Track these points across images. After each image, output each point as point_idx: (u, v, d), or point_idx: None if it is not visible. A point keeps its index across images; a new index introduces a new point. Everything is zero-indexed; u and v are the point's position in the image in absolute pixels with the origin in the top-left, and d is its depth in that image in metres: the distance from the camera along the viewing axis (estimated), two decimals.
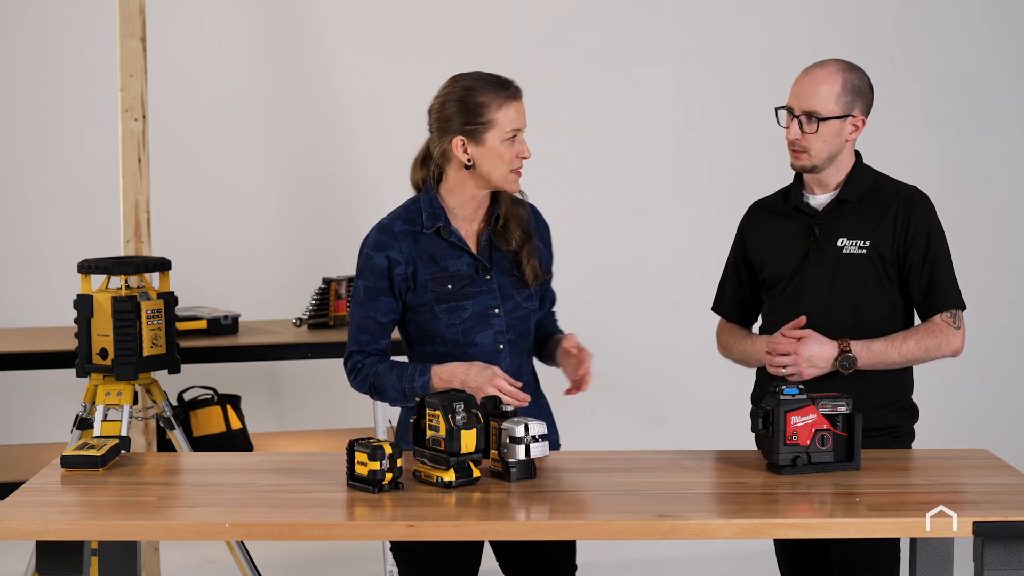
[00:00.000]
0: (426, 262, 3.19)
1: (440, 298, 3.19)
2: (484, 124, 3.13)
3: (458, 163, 3.18)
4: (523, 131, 3.18)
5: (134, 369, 3.83)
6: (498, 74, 3.19)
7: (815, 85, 3.28)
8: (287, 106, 6.20)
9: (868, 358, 3.24)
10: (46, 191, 6.06)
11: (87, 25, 5.93)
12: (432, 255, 3.19)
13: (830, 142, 3.28)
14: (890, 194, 3.34)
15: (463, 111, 3.14)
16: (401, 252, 3.19)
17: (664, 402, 6.30)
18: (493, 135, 3.14)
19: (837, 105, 3.26)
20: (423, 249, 3.20)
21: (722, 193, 5.98)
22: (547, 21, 6.27)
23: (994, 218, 6.44)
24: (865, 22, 6.34)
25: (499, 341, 3.22)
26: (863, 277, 3.30)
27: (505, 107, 3.14)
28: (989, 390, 6.44)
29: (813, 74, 3.30)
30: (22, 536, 2.67)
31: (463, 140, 3.15)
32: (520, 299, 3.26)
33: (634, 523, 2.67)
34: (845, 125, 3.28)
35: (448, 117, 3.16)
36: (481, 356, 3.19)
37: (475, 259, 3.22)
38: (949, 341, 3.29)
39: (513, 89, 3.17)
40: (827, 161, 3.31)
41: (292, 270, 6.07)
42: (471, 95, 3.14)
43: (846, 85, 3.27)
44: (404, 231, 3.20)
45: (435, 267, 3.19)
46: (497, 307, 3.22)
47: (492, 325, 3.21)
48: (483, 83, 3.16)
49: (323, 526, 2.68)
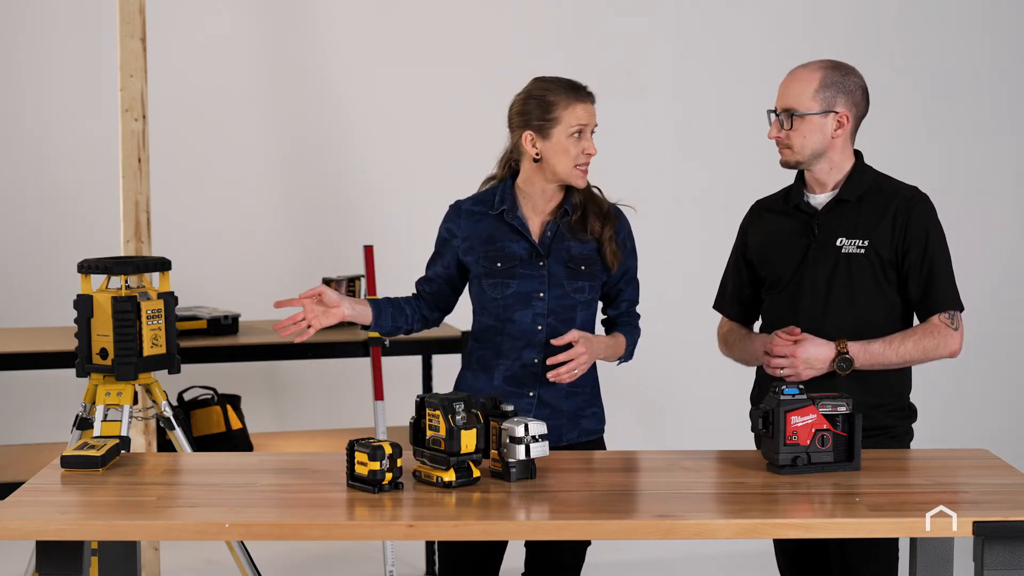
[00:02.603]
0: (484, 240, 3.45)
1: (489, 273, 3.43)
2: (551, 120, 3.36)
3: (529, 157, 3.40)
4: (591, 130, 3.38)
5: (134, 369, 3.83)
6: (574, 80, 3.41)
7: (792, 83, 3.33)
8: (287, 106, 6.20)
9: (866, 359, 3.24)
10: (46, 191, 6.07)
11: (87, 25, 5.93)
12: (492, 235, 3.45)
13: (811, 138, 3.29)
14: (890, 194, 3.34)
15: (534, 108, 3.38)
16: (460, 228, 3.48)
17: (664, 402, 6.31)
18: (559, 131, 3.35)
19: (814, 101, 3.28)
20: (483, 228, 3.46)
21: (721, 193, 5.99)
22: (547, 22, 6.27)
23: (993, 218, 6.44)
24: (865, 22, 6.35)
25: (538, 323, 3.40)
26: (861, 277, 3.30)
27: (573, 106, 3.35)
28: (989, 390, 6.44)
29: (793, 73, 3.35)
30: (22, 536, 2.67)
31: (532, 135, 3.38)
32: (570, 289, 3.41)
33: (634, 523, 2.67)
34: (827, 121, 3.29)
35: (521, 113, 3.40)
36: (517, 333, 3.40)
37: (532, 245, 3.42)
38: (947, 342, 3.29)
39: (584, 92, 3.39)
40: (812, 157, 3.32)
41: (292, 270, 6.07)
42: (543, 94, 3.38)
43: (824, 81, 3.29)
44: (470, 210, 3.48)
45: (491, 246, 3.44)
46: (542, 291, 3.40)
47: (533, 307, 3.40)
48: (556, 84, 3.39)
49: (323, 526, 2.68)
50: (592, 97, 3.39)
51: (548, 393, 3.40)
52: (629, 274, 3.50)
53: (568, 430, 3.42)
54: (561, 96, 3.35)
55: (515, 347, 3.40)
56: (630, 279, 3.51)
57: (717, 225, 5.74)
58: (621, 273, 3.47)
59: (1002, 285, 6.39)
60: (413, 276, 3.60)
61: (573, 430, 3.43)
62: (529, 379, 3.40)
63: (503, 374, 3.41)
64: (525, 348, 3.40)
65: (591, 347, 3.33)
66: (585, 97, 3.37)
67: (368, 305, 3.46)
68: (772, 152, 3.41)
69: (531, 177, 3.42)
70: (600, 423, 3.51)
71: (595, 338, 3.38)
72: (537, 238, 3.43)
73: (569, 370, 3.30)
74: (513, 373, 3.40)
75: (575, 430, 3.43)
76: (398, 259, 5.41)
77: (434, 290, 3.53)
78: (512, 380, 3.40)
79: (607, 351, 3.44)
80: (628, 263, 3.49)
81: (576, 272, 3.41)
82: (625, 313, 3.53)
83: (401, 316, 3.51)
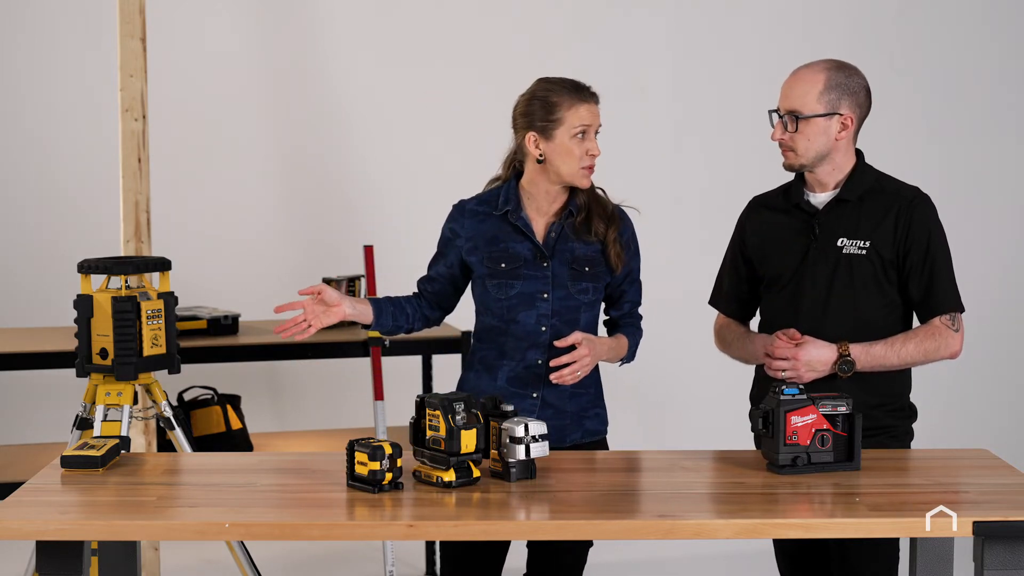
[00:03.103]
0: (488, 240, 3.43)
1: (493, 274, 3.41)
2: (554, 121, 3.34)
3: (532, 158, 3.39)
4: (595, 130, 3.36)
5: (134, 369, 3.83)
6: (578, 80, 3.38)
7: (797, 84, 3.29)
8: (287, 106, 6.20)
9: (867, 361, 3.24)
10: (46, 191, 6.07)
11: (87, 25, 5.93)
12: (496, 235, 3.43)
13: (815, 141, 3.27)
14: (891, 195, 3.33)
15: (538, 109, 3.36)
16: (464, 228, 3.46)
17: (664, 402, 6.31)
18: (562, 132, 3.34)
19: (819, 103, 3.25)
20: (487, 228, 3.44)
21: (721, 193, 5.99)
22: (547, 22, 6.27)
23: (994, 218, 6.44)
24: (865, 22, 6.35)
25: (542, 324, 3.39)
26: (862, 277, 3.29)
27: (576, 107, 3.33)
28: (989, 390, 6.44)
29: (797, 74, 3.32)
30: (22, 536, 2.67)
31: (535, 136, 3.36)
32: (573, 290, 3.40)
33: (634, 523, 2.67)
34: (831, 123, 3.27)
35: (525, 114, 3.39)
36: (521, 334, 3.39)
37: (536, 246, 3.40)
38: (948, 344, 3.28)
39: (587, 92, 3.36)
40: (816, 160, 3.30)
41: (292, 270, 6.07)
42: (547, 95, 3.36)
43: (829, 83, 3.26)
44: (474, 210, 3.47)
45: (495, 247, 3.42)
46: (546, 292, 3.39)
47: (537, 308, 3.39)
48: (559, 85, 3.37)
49: (323, 526, 2.68)
50: (596, 97, 3.37)
51: (552, 394, 3.40)
52: (632, 275, 3.49)
53: (572, 431, 3.42)
54: (564, 97, 3.33)
55: (519, 348, 3.39)
56: (633, 280, 3.50)
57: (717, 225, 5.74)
58: (624, 274, 3.46)
59: (1002, 285, 6.39)
60: (413, 276, 3.60)
61: (577, 431, 3.42)
62: (533, 380, 3.39)
63: (507, 375, 3.41)
64: (529, 349, 3.39)
65: (594, 349, 3.33)
66: (589, 97, 3.35)
67: (369, 304, 3.46)
68: (772, 152, 3.40)
69: (535, 178, 3.41)
70: (603, 424, 3.50)
71: (598, 339, 3.38)
72: (541, 239, 3.41)
73: (572, 371, 3.29)
74: (517, 374, 3.39)
75: (579, 431, 3.42)
76: (398, 259, 5.41)
77: (436, 289, 3.53)
78: (516, 381, 3.40)
79: (610, 352, 3.43)
80: (631, 264, 3.48)
81: (580, 273, 3.40)
82: (628, 314, 3.52)
83: (402, 315, 3.51)
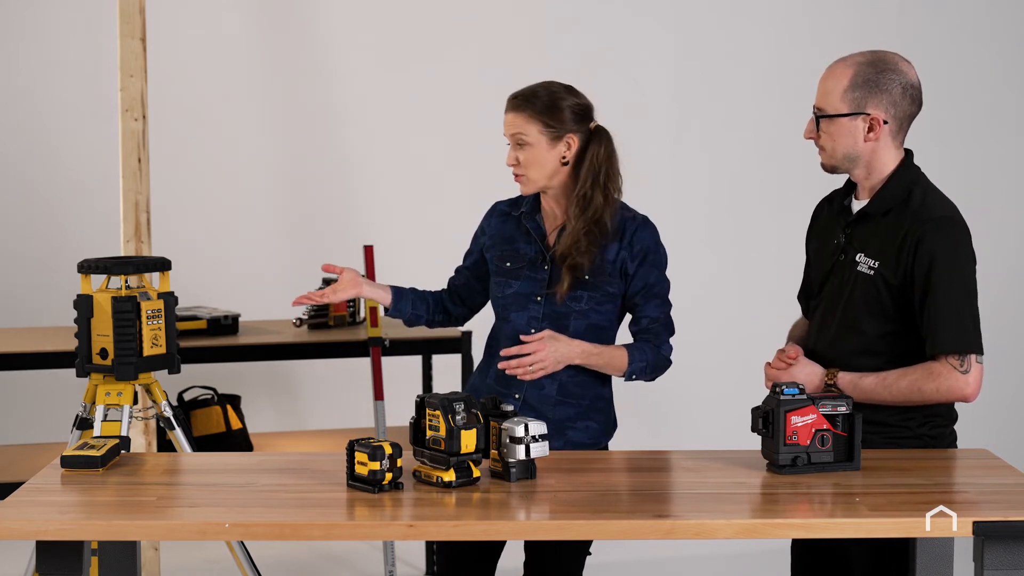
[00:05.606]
0: (504, 239, 3.48)
1: (497, 271, 3.47)
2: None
3: None
4: (515, 140, 3.36)
5: (134, 369, 3.82)
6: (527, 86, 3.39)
7: (826, 79, 3.07)
8: (287, 106, 6.20)
9: (855, 393, 3.04)
10: (46, 191, 6.07)
11: (87, 25, 5.93)
12: (512, 235, 3.48)
13: (841, 141, 3.05)
14: (911, 214, 3.03)
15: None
16: (490, 226, 3.54)
17: (665, 402, 6.31)
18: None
19: (843, 102, 3.02)
20: (507, 228, 3.49)
21: (722, 193, 5.98)
22: (546, 22, 6.27)
23: (994, 219, 6.44)
24: (865, 21, 6.35)
25: (532, 326, 3.40)
26: (864, 299, 3.08)
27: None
28: (989, 390, 6.41)
29: (830, 68, 3.08)
30: (22, 536, 2.67)
31: None
32: (567, 296, 3.37)
33: (634, 523, 2.67)
34: (856, 124, 3.03)
35: None
36: (511, 333, 3.41)
37: (541, 249, 3.43)
38: (952, 386, 2.99)
39: (508, 102, 3.38)
40: (845, 161, 3.07)
41: (292, 270, 6.07)
42: None
43: (855, 80, 3.01)
44: (503, 211, 3.54)
45: (508, 246, 3.47)
46: (540, 295, 3.40)
47: (529, 309, 3.41)
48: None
49: (323, 526, 2.68)
50: (510, 104, 3.35)
51: (534, 397, 3.37)
52: (648, 290, 3.39)
53: (552, 438, 3.26)
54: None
55: (506, 347, 3.36)
56: (649, 295, 3.40)
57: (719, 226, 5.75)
58: (639, 288, 3.39)
59: (1003, 286, 6.39)
60: (413, 276, 3.61)
61: (558, 439, 3.32)
62: (515, 380, 3.37)
63: (495, 373, 3.42)
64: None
65: (551, 349, 3.27)
66: (507, 106, 3.37)
67: (389, 289, 3.50)
68: (773, 152, 3.40)
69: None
70: (593, 437, 3.42)
71: (572, 343, 3.30)
72: (551, 243, 3.42)
73: (521, 364, 3.26)
74: (501, 373, 3.38)
75: (559, 440, 3.34)
76: (398, 259, 5.41)
77: (460, 282, 3.58)
78: (501, 380, 3.41)
79: (599, 360, 3.35)
80: (648, 279, 3.40)
81: (579, 281, 3.35)
82: (645, 330, 3.42)
83: (422, 304, 3.54)
